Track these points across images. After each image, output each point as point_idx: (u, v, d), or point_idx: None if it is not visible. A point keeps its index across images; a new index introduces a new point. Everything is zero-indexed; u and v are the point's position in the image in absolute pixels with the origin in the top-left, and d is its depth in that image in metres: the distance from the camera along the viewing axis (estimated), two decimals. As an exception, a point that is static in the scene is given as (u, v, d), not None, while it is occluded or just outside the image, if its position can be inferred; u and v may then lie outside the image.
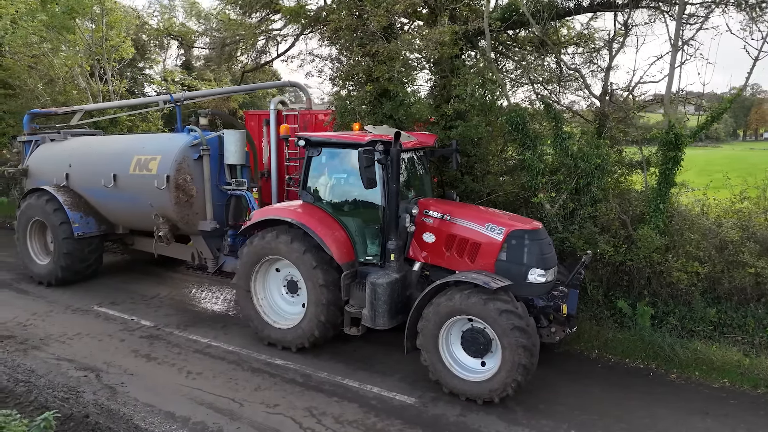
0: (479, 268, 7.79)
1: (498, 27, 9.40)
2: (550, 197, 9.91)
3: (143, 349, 8.86)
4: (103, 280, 12.22)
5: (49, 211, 11.35)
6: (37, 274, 11.83)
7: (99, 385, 7.65)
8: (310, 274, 8.31)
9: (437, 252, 8.26)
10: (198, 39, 16.15)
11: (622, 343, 8.90)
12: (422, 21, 10.25)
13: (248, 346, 8.99)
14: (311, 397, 7.44)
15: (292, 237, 8.41)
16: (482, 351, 7.29)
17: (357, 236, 8.51)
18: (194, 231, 10.75)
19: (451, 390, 7.37)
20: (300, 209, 8.66)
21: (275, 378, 7.95)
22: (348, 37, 9.98)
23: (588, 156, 9.39)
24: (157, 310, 10.55)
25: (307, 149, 8.72)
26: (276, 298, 9.14)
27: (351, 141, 8.24)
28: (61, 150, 12.27)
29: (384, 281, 7.79)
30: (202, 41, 16.55)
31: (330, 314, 8.36)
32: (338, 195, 8.71)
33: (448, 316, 7.27)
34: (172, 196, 10.25)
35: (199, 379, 7.89)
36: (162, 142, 10.88)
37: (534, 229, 7.76)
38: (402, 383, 7.82)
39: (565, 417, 7.00)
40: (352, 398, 7.41)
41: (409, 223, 7.93)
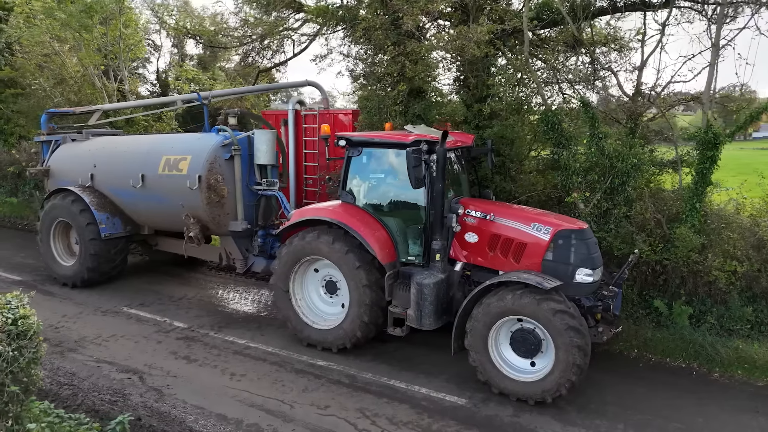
0: (524, 268, 7.78)
1: (534, 26, 9.39)
2: (584, 197, 9.91)
3: (181, 350, 8.78)
4: (128, 282, 12.11)
5: (75, 212, 11.23)
6: (62, 275, 11.71)
7: (144, 388, 7.57)
8: (352, 275, 8.26)
9: (480, 252, 8.24)
10: (213, 38, 16.00)
11: (661, 343, 8.91)
12: (452, 21, 10.18)
13: (287, 347, 8.93)
14: (360, 398, 7.39)
15: (334, 237, 8.36)
16: (533, 351, 7.28)
17: (398, 236, 8.48)
18: (224, 231, 10.67)
19: (501, 390, 7.35)
20: (341, 209, 8.61)
21: (321, 379, 7.90)
22: (381, 36, 9.92)
23: (624, 156, 9.39)
24: (188, 312, 10.47)
25: (347, 149, 8.67)
26: (314, 298, 9.09)
27: (395, 141, 8.21)
28: (84, 150, 12.14)
29: (430, 282, 7.76)
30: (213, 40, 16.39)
31: (373, 315, 8.32)
32: (379, 195, 8.67)
33: (498, 317, 7.25)
34: (204, 196, 10.16)
35: (244, 381, 7.83)
36: (191, 142, 10.79)
37: (581, 229, 7.75)
38: (449, 384, 7.79)
39: (618, 417, 7.00)
40: (401, 399, 7.38)
41: (455, 223, 7.90)
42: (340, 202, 8.80)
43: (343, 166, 8.76)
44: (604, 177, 9.72)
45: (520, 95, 9.74)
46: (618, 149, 9.51)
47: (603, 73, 10.08)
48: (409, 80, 10.05)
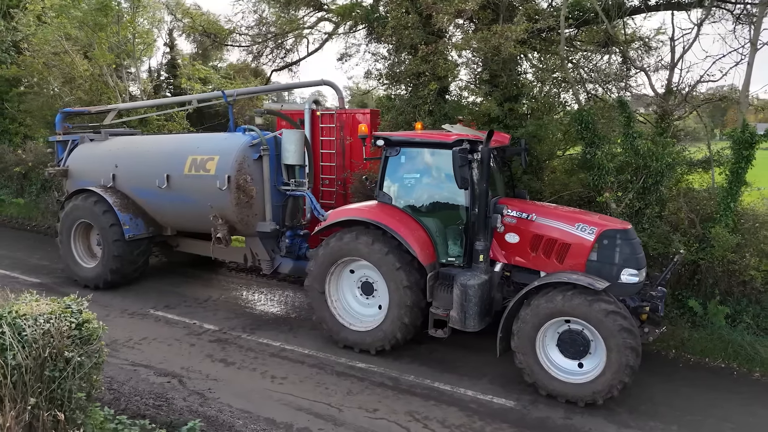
0: (568, 269, 7.73)
1: (568, 25, 9.34)
2: (615, 196, 9.88)
3: (217, 353, 8.65)
4: (149, 284, 11.94)
5: (98, 213, 11.06)
6: (83, 277, 11.53)
7: (186, 392, 7.45)
8: (393, 276, 8.17)
9: (521, 252, 8.17)
10: (228, 37, 15.84)
11: (699, 343, 8.89)
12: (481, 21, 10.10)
13: (323, 349, 8.83)
14: (408, 401, 7.31)
15: (373, 238, 8.27)
16: (581, 353, 7.22)
17: (437, 237, 8.40)
18: (252, 232, 10.54)
19: (550, 392, 7.29)
20: (379, 210, 8.52)
21: (364, 382, 7.81)
22: (413, 35, 9.84)
23: (658, 155, 9.37)
24: (216, 314, 10.34)
25: (384, 149, 8.58)
26: (349, 300, 8.99)
27: (437, 140, 8.13)
28: (105, 150, 11.97)
29: (475, 283, 7.70)
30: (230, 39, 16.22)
31: (413, 316, 8.24)
32: (418, 195, 8.58)
33: (547, 318, 7.19)
34: (233, 197, 10.04)
35: (287, 384, 7.72)
36: (218, 142, 10.65)
37: (625, 229, 7.71)
38: (493, 385, 7.72)
39: (670, 418, 6.96)
40: (449, 402, 7.30)
41: (500, 223, 7.83)
42: (377, 203, 8.71)
43: (380, 166, 8.67)
44: (637, 176, 9.70)
45: (553, 94, 9.65)
46: (652, 149, 9.48)
47: (634, 72, 10.03)
48: (440, 79, 9.96)
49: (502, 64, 9.51)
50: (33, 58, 17.19)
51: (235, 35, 15.89)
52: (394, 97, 11.83)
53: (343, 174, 12.18)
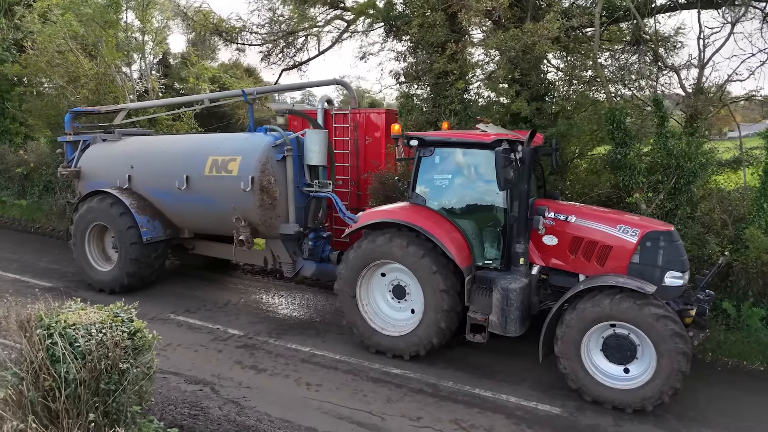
0: (609, 272, 7.57)
1: (602, 23, 9.19)
2: (646, 197, 9.74)
3: (246, 359, 8.42)
4: (165, 287, 11.66)
5: (115, 215, 10.77)
6: (98, 281, 11.23)
7: (220, 400, 7.21)
8: (429, 279, 7.97)
9: (560, 255, 8.01)
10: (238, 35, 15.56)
11: (735, 345, 8.77)
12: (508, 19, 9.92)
13: (354, 354, 8.62)
14: (451, 408, 7.11)
15: (408, 240, 8.06)
16: (628, 358, 7.06)
17: (473, 239, 8.21)
18: (274, 234, 10.31)
19: (595, 399, 7.12)
20: (413, 212, 8.32)
21: (402, 389, 7.61)
22: (440, 33, 9.64)
23: (691, 155, 9.25)
24: (238, 318, 10.09)
25: (417, 150, 8.38)
26: (380, 303, 8.78)
27: (475, 140, 7.94)
28: (119, 150, 11.68)
29: (516, 287, 7.53)
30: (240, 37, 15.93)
31: (450, 321, 8.06)
32: (453, 196, 8.39)
33: (594, 322, 7.02)
34: (257, 198, 9.80)
35: (323, 392, 7.50)
36: (239, 142, 10.40)
37: (668, 231, 7.55)
38: (534, 391, 7.55)
39: (720, 424, 6.83)
40: (493, 408, 7.11)
41: (542, 225, 7.64)
42: (410, 204, 8.51)
43: (414, 167, 8.47)
44: (668, 177, 9.58)
45: (586, 93, 9.50)
46: (684, 149, 9.36)
47: (665, 71, 9.89)
48: (465, 79, 9.78)
49: (534, 63, 9.33)
50: (36, 57, 16.80)
51: (245, 33, 15.60)
52: (415, 97, 11.62)
53: (363, 174, 11.95)
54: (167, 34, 15.92)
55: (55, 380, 4.26)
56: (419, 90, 11.22)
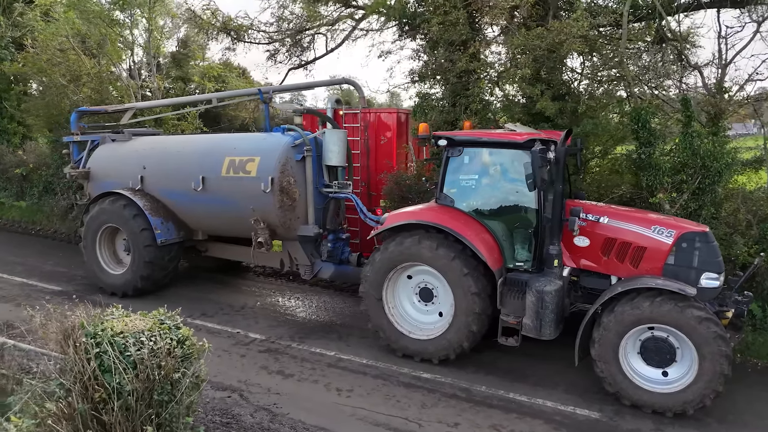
0: (643, 273, 7.47)
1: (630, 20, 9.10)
2: (670, 197, 9.65)
3: (271, 364, 8.23)
4: (177, 290, 11.43)
5: (128, 217, 10.52)
6: (110, 284, 10.98)
7: (251, 407, 7.02)
8: (460, 282, 7.83)
9: (591, 256, 7.91)
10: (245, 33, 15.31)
11: (764, 347, 8.73)
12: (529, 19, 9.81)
13: (381, 358, 8.46)
14: (488, 413, 6.97)
15: (438, 242, 7.91)
16: (668, 361, 6.96)
17: (504, 240, 8.07)
18: (293, 236, 10.11)
19: (634, 402, 7.01)
20: (442, 213, 8.17)
21: (435, 393, 7.46)
22: (462, 32, 9.50)
23: (717, 155, 9.17)
24: (257, 322, 9.90)
25: (446, 150, 8.24)
26: (407, 306, 8.62)
27: (507, 140, 7.80)
28: (130, 150, 11.43)
29: (551, 289, 7.40)
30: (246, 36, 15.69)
31: (481, 324, 7.92)
32: (483, 197, 8.24)
33: (633, 325, 6.91)
34: (276, 199, 9.60)
35: (354, 397, 7.34)
36: (257, 142, 10.20)
37: (704, 232, 7.44)
38: (570, 395, 7.43)
39: (760, 427, 6.76)
40: (531, 413, 6.99)
41: (577, 226, 7.52)
42: (438, 205, 8.36)
43: (441, 168, 8.32)
44: (692, 177, 9.49)
45: (607, 92, 9.40)
46: (710, 148, 9.28)
47: (690, 70, 9.82)
48: (488, 78, 9.64)
49: (558, 61, 9.21)
50: (36, 55, 16.45)
51: (252, 32, 15.37)
52: (430, 96, 11.49)
53: (380, 175, 11.78)
54: (175, 32, 15.60)
55: (107, 391, 4.05)
56: (433, 89, 11.08)
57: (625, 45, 8.97)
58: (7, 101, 19.29)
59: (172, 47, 18.48)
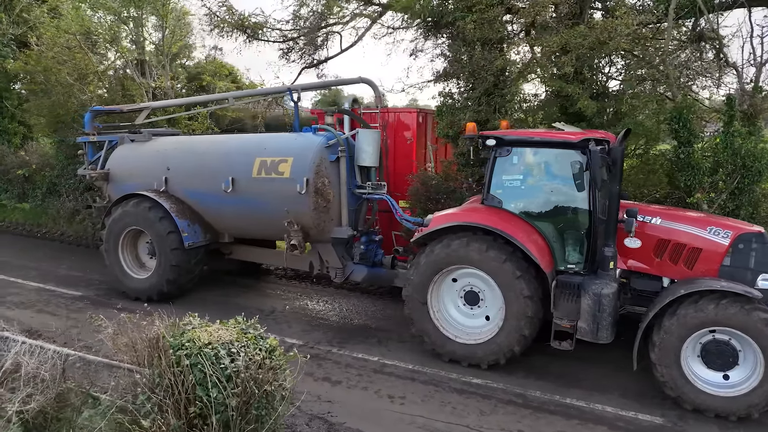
0: (698, 275, 7.36)
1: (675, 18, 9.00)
2: (708, 197, 9.59)
3: (315, 371, 8.00)
4: (201, 295, 11.13)
5: (154, 220, 10.22)
6: (134, 288, 10.67)
7: (305, 417, 6.77)
8: (511, 285, 7.66)
9: (643, 258, 7.78)
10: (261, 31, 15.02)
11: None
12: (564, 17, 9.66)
13: (426, 363, 8.26)
14: (549, 420, 6.81)
15: (488, 245, 7.74)
16: (730, 364, 6.84)
17: (554, 242, 7.92)
18: (326, 238, 9.88)
19: (696, 407, 6.88)
20: (491, 214, 7.99)
21: (490, 399, 7.28)
22: (500, 29, 9.34)
23: (758, 155, 9.11)
24: (291, 326, 9.66)
25: (493, 149, 8.06)
26: (451, 310, 8.43)
27: (560, 140, 7.64)
28: (151, 151, 11.12)
29: (609, 292, 7.26)
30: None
31: (533, 327, 7.76)
32: (532, 198, 8.07)
33: (696, 328, 6.79)
34: (311, 201, 9.37)
35: (409, 405, 7.13)
36: (288, 143, 9.95)
37: (760, 233, 7.35)
38: (627, 400, 7.28)
39: (828, 430, 6.64)
40: (592, 419, 6.83)
41: (633, 228, 7.37)
42: (485, 207, 8.18)
43: (488, 168, 8.14)
44: (731, 177, 9.43)
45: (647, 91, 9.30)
46: (750, 148, 9.22)
47: (728, 68, 9.75)
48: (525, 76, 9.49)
49: (602, 59, 9.08)
50: (41, 53, 16.03)
51: (266, 30, 15.08)
52: (458, 95, 11.32)
53: (408, 175, 11.59)
54: (188, 30, 15.24)
55: (206, 407, 3.81)
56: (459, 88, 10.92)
57: (668, 43, 8.86)
58: (8, 100, 18.80)
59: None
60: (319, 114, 13.06)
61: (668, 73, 8.89)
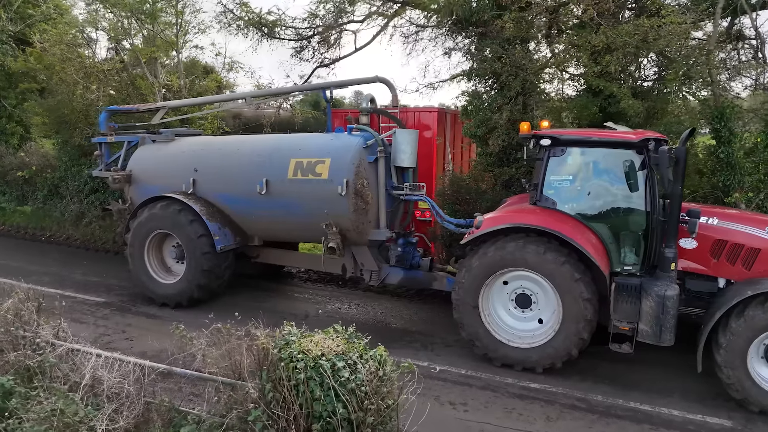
0: (757, 276, 7.30)
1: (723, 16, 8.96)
2: (746, 197, 9.58)
3: (368, 378, 7.77)
4: (228, 299, 10.79)
5: (184, 223, 9.90)
6: (161, 294, 10.33)
7: (370, 426, 6.55)
8: (570, 288, 7.52)
9: (699, 259, 7.70)
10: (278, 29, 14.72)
11: None
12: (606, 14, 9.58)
13: (478, 368, 8.11)
14: (620, 425, 6.69)
15: (545, 247, 7.60)
16: (795, 365, 6.80)
17: (610, 244, 7.81)
18: (364, 240, 9.66)
19: (763, 408, 6.83)
20: (546, 215, 7.85)
21: (553, 405, 7.14)
22: (542, 28, 9.22)
23: (799, 154, 9.13)
24: (330, 331, 9.40)
25: (548, 149, 7.93)
26: (501, 313, 8.28)
27: (618, 140, 7.54)
28: (176, 152, 10.79)
29: (673, 294, 7.17)
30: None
31: (591, 330, 7.64)
32: (588, 199, 7.92)
33: (764, 330, 6.73)
34: (351, 203, 9.15)
35: (473, 411, 6.97)
36: (325, 143, 9.70)
37: (819, 233, 7.32)
38: (689, 402, 7.20)
39: None
40: (662, 423, 6.73)
41: (697, 228, 7.29)
42: (539, 208, 8.04)
43: (542, 168, 8.00)
44: (769, 176, 9.44)
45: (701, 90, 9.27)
46: (791, 148, 9.23)
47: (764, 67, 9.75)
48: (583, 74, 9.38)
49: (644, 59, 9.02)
50: (44, 51, 15.55)
51: (280, 28, 14.80)
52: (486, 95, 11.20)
53: (441, 175, 11.44)
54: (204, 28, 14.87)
55: (331, 423, 3.59)
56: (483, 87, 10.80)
57: (715, 41, 8.81)
58: (6, 99, 18.23)
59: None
60: (353, 113, 12.86)
61: (711, 73, 8.85)
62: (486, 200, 11.03)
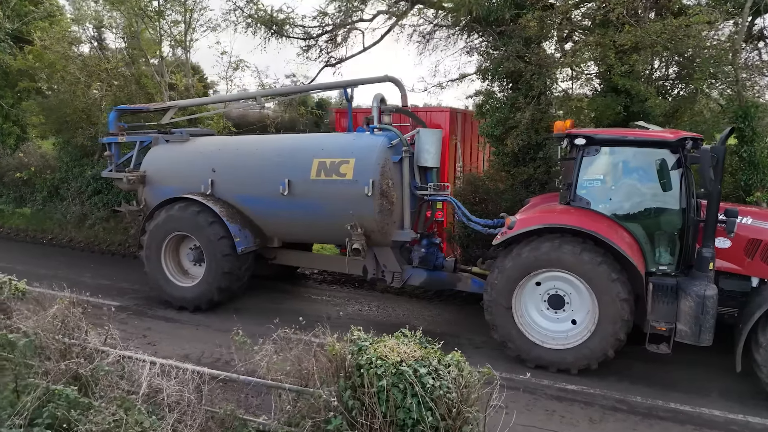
0: (791, 275, 7.30)
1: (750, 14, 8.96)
2: (767, 196, 9.59)
3: (402, 381, 7.65)
4: (246, 302, 10.67)
5: (203, 224, 9.71)
6: (179, 297, 10.13)
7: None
8: (606, 288, 7.47)
9: (733, 258, 7.68)
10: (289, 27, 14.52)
11: None
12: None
13: (509, 369, 7.94)
14: (664, 426, 6.66)
15: (581, 247, 7.54)
16: (833, 364, 6.80)
17: (645, 243, 7.76)
18: (387, 241, 9.54)
19: (804, 407, 6.82)
20: (581, 215, 7.78)
21: (593, 406, 7.09)
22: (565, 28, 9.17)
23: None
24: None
25: (582, 148, 7.86)
26: (533, 314, 8.20)
27: (654, 139, 7.50)
28: (192, 152, 10.60)
29: (712, 293, 7.13)
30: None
31: (627, 330, 7.59)
32: (623, 198, 7.87)
33: (805, 329, 6.71)
34: (376, 203, 9.02)
35: (515, 414, 6.70)
36: (348, 143, 9.56)
37: None
38: (729, 402, 7.19)
39: None
40: (705, 424, 6.71)
41: (735, 228, 7.26)
42: (573, 207, 7.98)
43: (575, 167, 7.93)
44: (792, 175, 9.46)
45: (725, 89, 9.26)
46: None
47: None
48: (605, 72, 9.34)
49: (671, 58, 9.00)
50: (45, 48, 15.23)
51: (289, 27, 14.62)
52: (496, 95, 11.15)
53: (459, 175, 11.35)
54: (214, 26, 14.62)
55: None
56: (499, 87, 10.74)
57: (741, 38, 8.81)
58: (3, 99, 17.83)
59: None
60: (341, 112, 12.74)
61: (737, 72, 8.85)
62: (505, 200, 10.96)
